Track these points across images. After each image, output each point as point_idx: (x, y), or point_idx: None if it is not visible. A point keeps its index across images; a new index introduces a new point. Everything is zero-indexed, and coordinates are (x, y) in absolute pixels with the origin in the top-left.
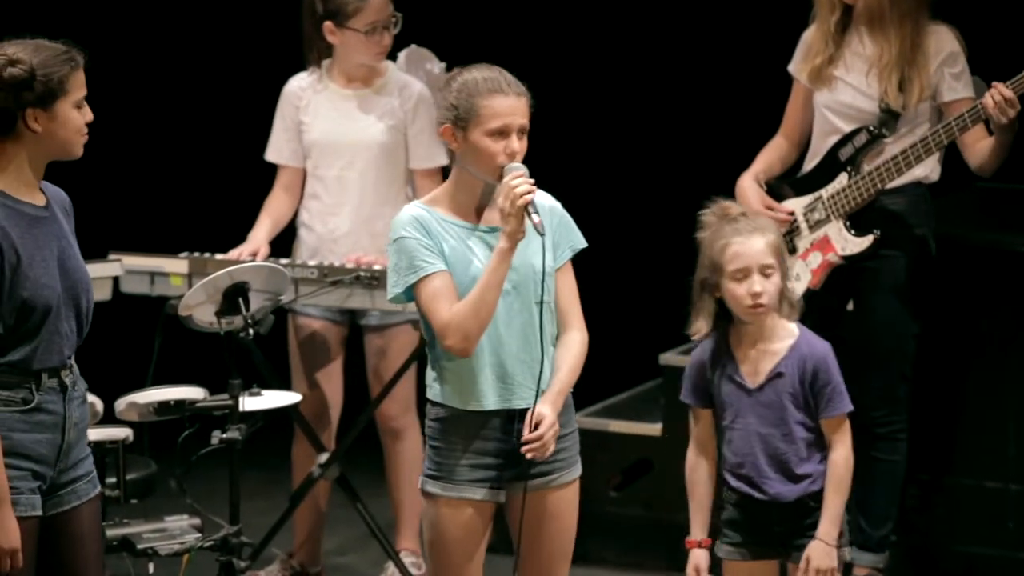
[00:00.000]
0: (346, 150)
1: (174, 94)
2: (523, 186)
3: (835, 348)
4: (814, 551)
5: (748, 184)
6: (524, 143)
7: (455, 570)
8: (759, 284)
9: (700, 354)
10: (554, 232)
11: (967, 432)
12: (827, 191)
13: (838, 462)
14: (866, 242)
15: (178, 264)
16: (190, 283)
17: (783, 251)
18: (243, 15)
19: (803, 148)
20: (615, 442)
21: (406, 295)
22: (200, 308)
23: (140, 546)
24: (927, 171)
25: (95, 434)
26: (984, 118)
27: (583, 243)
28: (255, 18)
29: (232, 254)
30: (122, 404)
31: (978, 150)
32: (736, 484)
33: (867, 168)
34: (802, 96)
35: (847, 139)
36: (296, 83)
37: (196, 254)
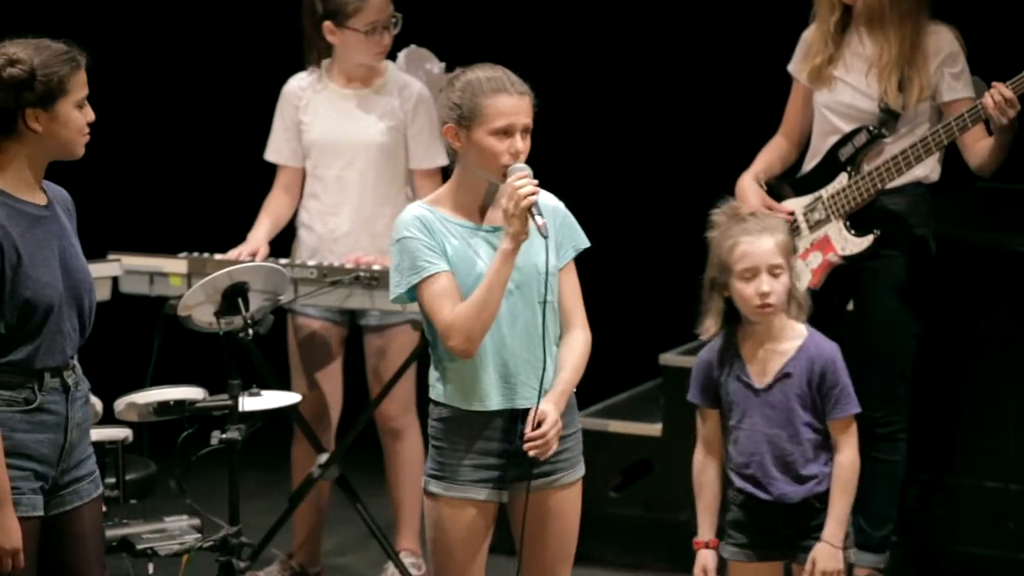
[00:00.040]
0: (346, 150)
1: (174, 94)
2: (527, 188)
3: None
4: (820, 553)
5: (748, 184)
6: (528, 142)
7: (458, 570)
8: (767, 284)
9: (708, 354)
10: (557, 232)
11: (967, 432)
12: (827, 191)
13: (844, 464)
14: (866, 242)
15: (177, 264)
16: (189, 283)
17: (792, 251)
18: (243, 15)
19: (803, 148)
20: (615, 442)
21: (409, 295)
22: (199, 308)
23: (140, 546)
24: (927, 171)
25: (94, 434)
26: (984, 118)
27: (586, 243)
28: (255, 18)
29: (231, 254)
30: (121, 404)
31: (978, 150)
32: (741, 484)
33: (867, 168)
34: (802, 96)
35: (847, 139)
36: (296, 83)
37: (195, 254)
